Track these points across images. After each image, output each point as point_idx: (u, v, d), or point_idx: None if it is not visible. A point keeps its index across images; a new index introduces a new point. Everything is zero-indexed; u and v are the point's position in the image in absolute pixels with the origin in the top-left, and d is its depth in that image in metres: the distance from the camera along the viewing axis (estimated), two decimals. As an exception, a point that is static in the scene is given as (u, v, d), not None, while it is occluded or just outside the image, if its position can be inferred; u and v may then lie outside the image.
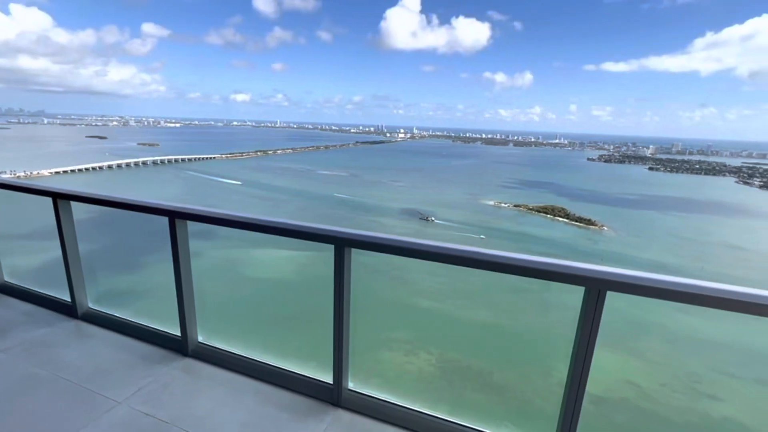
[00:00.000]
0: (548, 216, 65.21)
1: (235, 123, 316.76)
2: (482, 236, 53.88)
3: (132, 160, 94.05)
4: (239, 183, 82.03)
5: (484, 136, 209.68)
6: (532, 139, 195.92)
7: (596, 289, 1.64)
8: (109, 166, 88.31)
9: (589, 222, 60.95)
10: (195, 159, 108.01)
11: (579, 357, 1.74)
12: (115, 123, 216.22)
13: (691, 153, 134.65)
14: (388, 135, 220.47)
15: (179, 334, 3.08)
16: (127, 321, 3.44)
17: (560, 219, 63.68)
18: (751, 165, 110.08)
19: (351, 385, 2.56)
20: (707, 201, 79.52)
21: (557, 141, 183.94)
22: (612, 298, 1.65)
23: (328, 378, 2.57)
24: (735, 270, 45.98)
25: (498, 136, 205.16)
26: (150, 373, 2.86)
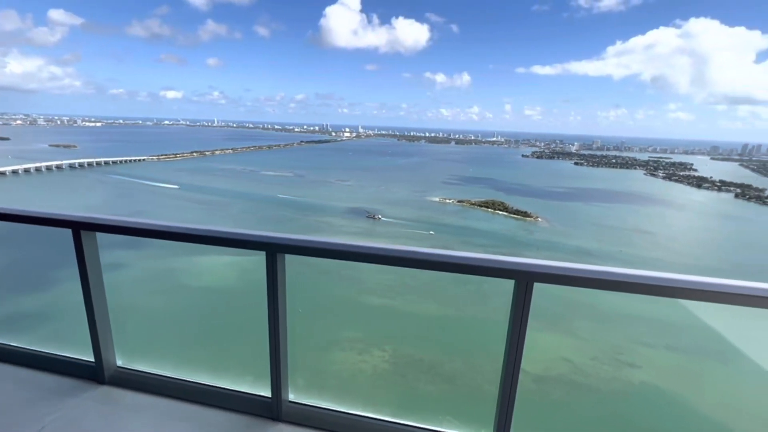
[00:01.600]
0: (489, 210, 68.96)
1: (166, 122, 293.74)
2: (431, 232, 55.55)
3: (44, 164, 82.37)
4: (176, 187, 76.08)
5: (427, 134, 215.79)
6: (472, 138, 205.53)
7: (524, 281, 1.75)
8: (14, 171, 76.89)
9: (525, 214, 65.46)
10: (121, 161, 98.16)
11: (512, 344, 1.85)
12: (19, 122, 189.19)
13: (608, 149, 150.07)
14: (333, 134, 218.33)
15: (93, 359, 2.75)
16: (27, 350, 3.00)
17: (500, 212, 67.63)
18: (656, 159, 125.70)
19: (292, 397, 2.45)
20: (622, 191, 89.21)
21: (495, 139, 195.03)
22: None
23: (267, 392, 2.45)
24: (647, 252, 52.29)
25: (441, 135, 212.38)
26: (56, 408, 2.53)
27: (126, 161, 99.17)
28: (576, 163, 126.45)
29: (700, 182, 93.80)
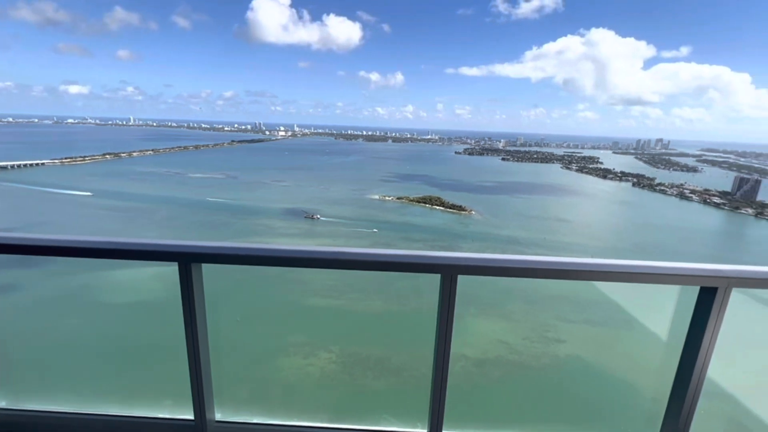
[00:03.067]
0: (427, 206, 71.43)
1: (70, 121, 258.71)
2: (375, 230, 56.06)
3: None
4: (88, 194, 67.28)
5: (365, 133, 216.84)
6: (408, 136, 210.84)
7: (449, 274, 1.80)
8: None
9: (460, 208, 68.92)
10: (15, 166, 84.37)
11: (441, 335, 1.90)
12: None
13: (530, 145, 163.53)
14: (267, 133, 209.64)
15: None
16: None
17: (437, 207, 70.39)
18: (570, 153, 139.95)
19: (219, 416, 2.29)
20: (543, 184, 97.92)
21: (429, 137, 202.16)
22: None
23: (189, 414, 2.25)
24: (566, 237, 58.14)
25: (378, 133, 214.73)
26: None
27: (20, 166, 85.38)
28: (503, 159, 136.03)
29: (605, 174, 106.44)
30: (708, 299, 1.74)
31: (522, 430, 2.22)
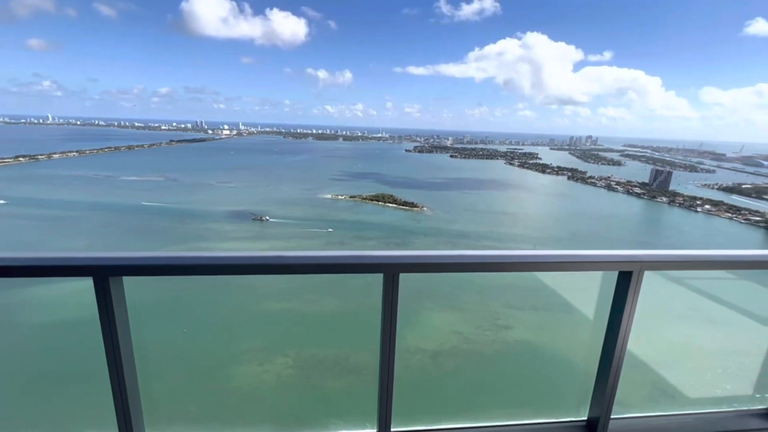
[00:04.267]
0: (380, 203, 71.95)
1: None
2: (330, 229, 55.32)
3: None
4: (2, 202, 59.17)
5: (314, 131, 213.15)
6: (359, 134, 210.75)
7: (390, 273, 1.79)
8: None
9: (412, 205, 70.27)
10: None
11: (386, 334, 1.90)
12: None
13: (476, 142, 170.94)
14: (210, 132, 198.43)
15: None
16: None
17: (390, 205, 71.16)
18: (512, 150, 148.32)
19: None
20: (489, 179, 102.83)
21: (380, 135, 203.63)
22: None
23: None
24: (511, 229, 61.65)
25: (328, 132, 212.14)
26: None
27: None
28: (451, 156, 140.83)
29: (544, 168, 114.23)
30: (625, 282, 1.94)
31: (476, 417, 2.32)
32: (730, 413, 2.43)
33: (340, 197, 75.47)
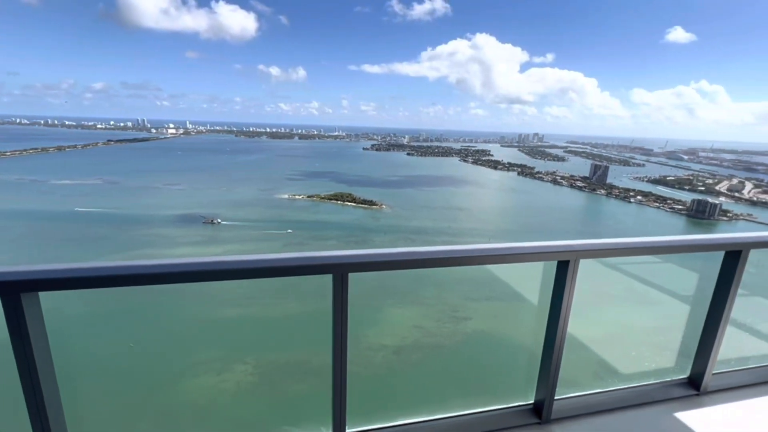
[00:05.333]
0: (339, 202, 71.41)
1: None
2: (289, 230, 53.95)
3: None
4: None
5: (268, 130, 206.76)
6: (315, 132, 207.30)
7: (340, 273, 1.78)
8: None
9: (371, 203, 70.46)
10: None
11: (337, 335, 1.88)
12: None
13: (431, 140, 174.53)
14: (154, 131, 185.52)
15: None
16: None
17: (349, 204, 70.86)
18: (466, 147, 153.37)
19: None
20: (444, 176, 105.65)
21: (337, 133, 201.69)
22: None
23: None
24: (466, 224, 63.90)
25: (283, 130, 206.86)
26: None
27: None
28: (408, 154, 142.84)
29: (495, 165, 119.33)
30: (563, 270, 2.11)
31: (436, 409, 2.38)
32: (657, 384, 2.71)
33: (297, 197, 73.92)
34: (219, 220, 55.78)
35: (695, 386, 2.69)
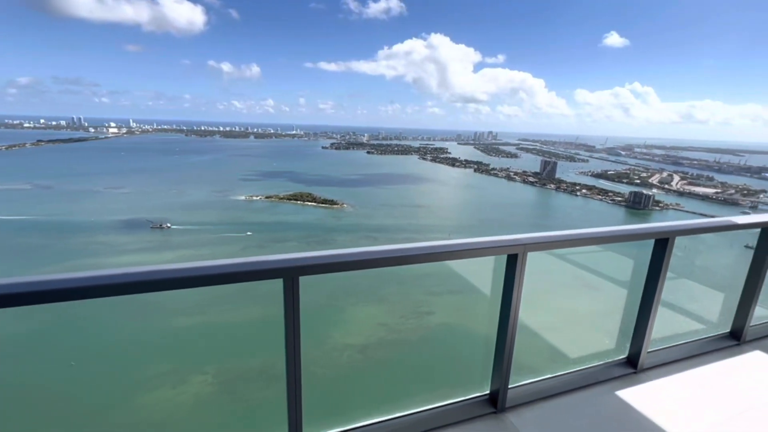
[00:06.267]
0: (299, 202, 70.01)
1: None
2: (249, 233, 51.99)
3: None
4: None
5: (221, 129, 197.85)
6: (272, 131, 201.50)
7: (290, 277, 1.74)
8: None
9: (332, 203, 69.78)
10: None
11: (290, 341, 1.83)
12: None
13: (390, 139, 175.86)
14: (92, 130, 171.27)
15: None
16: None
17: (309, 203, 69.69)
18: (424, 145, 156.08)
19: None
20: (404, 174, 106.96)
21: (294, 132, 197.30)
22: None
23: None
24: (426, 220, 65.15)
25: (237, 129, 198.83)
26: None
27: None
28: (368, 152, 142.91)
29: (453, 162, 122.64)
30: (512, 263, 2.22)
31: (399, 407, 2.40)
32: (600, 366, 2.94)
33: (255, 198, 71.50)
34: (169, 225, 52.61)
35: (633, 365, 2.93)
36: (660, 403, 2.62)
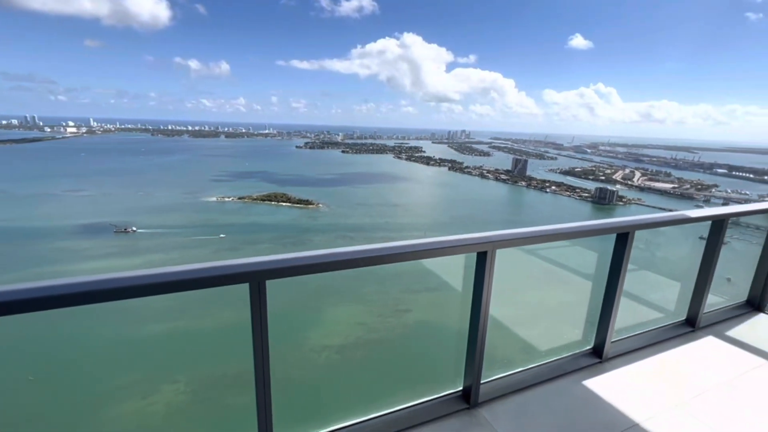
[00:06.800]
0: (273, 203, 68.70)
1: None
2: (222, 235, 50.47)
3: None
4: None
5: (190, 128, 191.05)
6: (244, 130, 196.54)
7: (256, 281, 1.70)
8: None
9: (308, 203, 68.92)
10: None
11: (257, 346, 1.79)
12: None
13: (365, 138, 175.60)
14: (48, 130, 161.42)
15: None
16: None
17: (284, 204, 68.53)
18: (399, 144, 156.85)
19: None
20: (380, 173, 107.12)
21: (267, 131, 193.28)
22: None
23: None
24: (402, 219, 65.50)
25: (207, 128, 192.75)
26: None
27: None
28: (343, 151, 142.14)
29: (428, 161, 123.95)
30: (482, 260, 2.28)
31: (376, 407, 2.40)
32: (568, 357, 3.06)
33: (227, 199, 69.58)
34: (134, 229, 50.29)
35: (598, 355, 3.07)
36: (623, 390, 2.75)
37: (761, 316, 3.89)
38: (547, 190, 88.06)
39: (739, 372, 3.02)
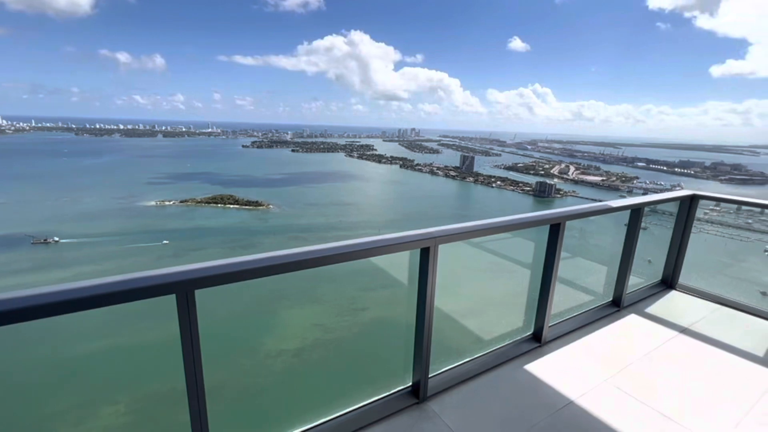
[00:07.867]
0: (219, 205, 65.26)
1: None
2: (165, 241, 46.84)
3: None
4: None
5: (122, 126, 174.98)
6: (184, 129, 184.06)
7: (184, 292, 1.59)
8: None
9: (257, 204, 66.34)
10: None
11: (188, 359, 1.68)
12: None
13: (316, 136, 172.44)
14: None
15: None
16: None
17: (231, 206, 65.38)
18: (350, 143, 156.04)
19: None
20: (332, 172, 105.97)
21: (210, 130, 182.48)
22: None
23: None
24: (356, 217, 65.43)
25: (142, 127, 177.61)
26: None
27: None
28: (293, 150, 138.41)
29: (380, 159, 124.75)
30: (425, 256, 2.33)
31: (331, 409, 2.36)
32: (511, 344, 3.27)
33: (167, 203, 64.93)
34: (56, 239, 45.18)
35: (538, 339, 3.32)
36: (560, 371, 2.99)
37: (673, 293, 4.44)
38: (493, 185, 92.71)
39: (656, 344, 3.42)
